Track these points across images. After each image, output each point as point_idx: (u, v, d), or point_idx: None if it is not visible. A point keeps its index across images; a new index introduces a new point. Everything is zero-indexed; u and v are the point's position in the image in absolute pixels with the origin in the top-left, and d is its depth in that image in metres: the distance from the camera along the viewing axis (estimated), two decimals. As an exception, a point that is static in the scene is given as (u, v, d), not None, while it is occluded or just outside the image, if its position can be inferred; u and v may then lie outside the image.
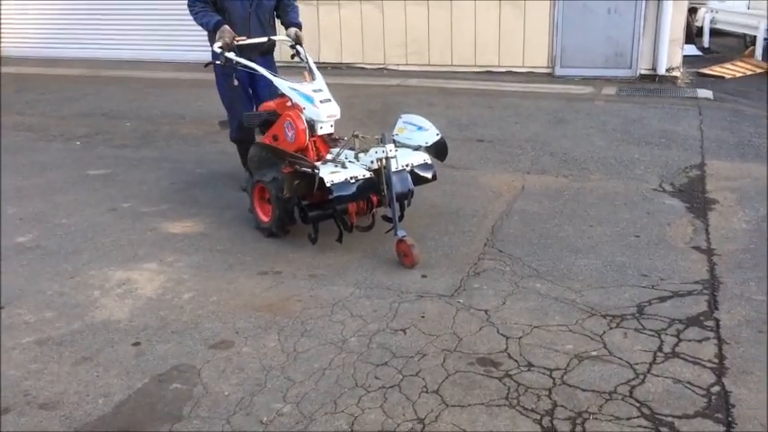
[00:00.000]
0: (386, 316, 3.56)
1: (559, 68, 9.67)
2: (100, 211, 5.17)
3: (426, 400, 2.90)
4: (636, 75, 9.35)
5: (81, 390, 3.02)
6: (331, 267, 4.14)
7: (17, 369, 3.18)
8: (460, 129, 7.15)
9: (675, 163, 5.95)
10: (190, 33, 11.32)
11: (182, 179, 5.86)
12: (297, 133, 4.38)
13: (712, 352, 3.20)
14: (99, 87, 9.93)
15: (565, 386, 2.96)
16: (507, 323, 3.47)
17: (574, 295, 3.74)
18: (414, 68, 10.12)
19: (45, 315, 3.66)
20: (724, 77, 9.96)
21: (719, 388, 2.94)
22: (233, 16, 5.02)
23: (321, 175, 4.04)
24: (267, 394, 2.96)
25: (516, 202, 5.13)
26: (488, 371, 3.09)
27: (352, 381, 3.03)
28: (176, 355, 3.27)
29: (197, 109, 8.44)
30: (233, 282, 4.00)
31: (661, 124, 7.18)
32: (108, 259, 4.34)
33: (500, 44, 9.81)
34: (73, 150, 6.87)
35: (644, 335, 3.34)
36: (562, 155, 6.25)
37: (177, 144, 7.01)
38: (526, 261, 4.16)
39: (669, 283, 3.85)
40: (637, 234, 4.53)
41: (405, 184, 4.30)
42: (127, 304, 3.77)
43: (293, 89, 4.51)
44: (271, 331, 3.45)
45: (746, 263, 4.09)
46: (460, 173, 5.79)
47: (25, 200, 5.40)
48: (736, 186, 5.36)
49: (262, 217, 4.61)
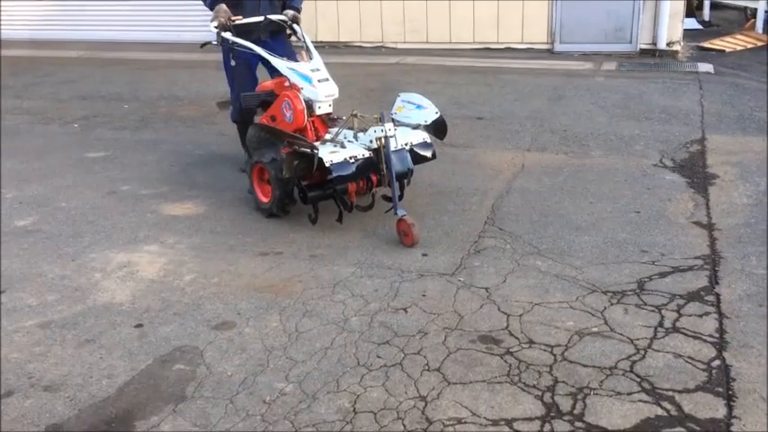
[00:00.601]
0: (387, 295, 3.57)
1: (559, 44, 9.61)
2: (100, 193, 5.16)
3: (428, 378, 2.91)
4: (636, 50, 9.30)
5: (85, 372, 3.04)
6: (331, 247, 4.15)
7: (20, 352, 3.19)
8: (459, 107, 7.12)
9: (676, 138, 5.93)
10: (186, 14, 11.32)
11: (181, 161, 5.85)
12: (295, 113, 4.36)
13: (713, 326, 3.21)
14: (96, 69, 9.89)
15: (566, 362, 2.98)
16: (508, 301, 3.48)
17: (574, 272, 3.74)
18: (412, 46, 10.07)
19: (47, 298, 3.67)
20: (724, 51, 9.90)
21: (720, 362, 2.95)
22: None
23: (320, 155, 4.03)
24: (270, 374, 2.97)
25: (516, 180, 5.12)
26: (489, 348, 3.10)
27: (354, 360, 3.05)
28: (179, 336, 3.29)
29: (195, 90, 8.41)
30: (234, 263, 4.01)
31: (661, 99, 7.15)
32: (109, 242, 4.34)
33: (498, 21, 9.75)
34: (71, 133, 6.85)
35: (644, 310, 3.35)
36: (562, 132, 6.23)
37: (175, 126, 6.99)
38: (526, 239, 4.16)
39: (670, 259, 3.85)
40: (637, 210, 4.53)
41: (404, 163, 4.29)
42: (128, 287, 3.77)
43: (291, 69, 4.48)
44: (272, 312, 3.46)
45: (747, 237, 4.09)
46: (460, 151, 5.78)
47: (24, 183, 5.39)
48: (737, 161, 5.35)
49: (261, 198, 4.60)
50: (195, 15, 10.98)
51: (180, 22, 11.34)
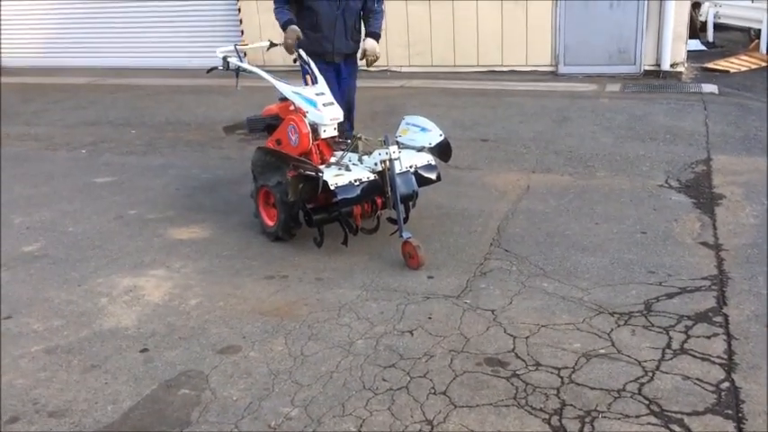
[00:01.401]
0: (392, 318, 3.56)
1: (563, 66, 9.66)
2: (107, 218, 5.19)
3: (434, 401, 2.89)
4: (640, 71, 9.33)
5: (90, 397, 3.03)
6: (337, 270, 4.14)
7: (26, 378, 3.19)
8: (464, 129, 7.14)
9: (681, 159, 5.93)
10: (192, 40, 11.46)
11: (187, 185, 5.88)
12: (300, 137, 4.38)
13: (721, 348, 3.18)
14: (103, 96, 9.98)
15: (573, 385, 2.95)
16: (514, 323, 3.46)
17: (581, 293, 3.73)
18: (417, 69, 10.13)
19: (53, 323, 3.67)
20: (729, 72, 9.92)
21: (729, 384, 2.92)
22: (320, 17, 5.03)
23: (325, 178, 4.04)
24: (275, 398, 2.96)
25: (522, 202, 5.12)
26: (496, 371, 3.08)
27: (360, 383, 3.03)
28: (184, 360, 3.28)
29: (201, 115, 8.47)
30: (240, 287, 4.00)
31: (666, 120, 7.16)
32: (115, 266, 4.35)
33: (503, 43, 9.81)
34: (79, 159, 6.90)
35: (652, 332, 3.32)
36: (567, 153, 6.23)
37: (182, 150, 7.03)
38: (532, 260, 4.15)
39: (677, 280, 3.83)
40: (643, 231, 4.51)
41: (409, 185, 4.30)
42: (134, 311, 3.77)
43: (296, 93, 4.52)
44: (278, 335, 3.45)
45: (754, 257, 4.07)
46: (465, 173, 5.79)
47: (32, 209, 5.43)
48: (743, 181, 5.34)
49: (267, 221, 4.61)
50: (201, 42, 11.14)
51: (186, 49, 11.47)
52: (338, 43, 5.11)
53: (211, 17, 11.37)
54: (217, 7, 11.29)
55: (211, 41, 10.39)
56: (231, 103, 8.73)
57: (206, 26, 11.40)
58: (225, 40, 9.72)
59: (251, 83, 5.17)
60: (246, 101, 8.12)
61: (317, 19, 5.03)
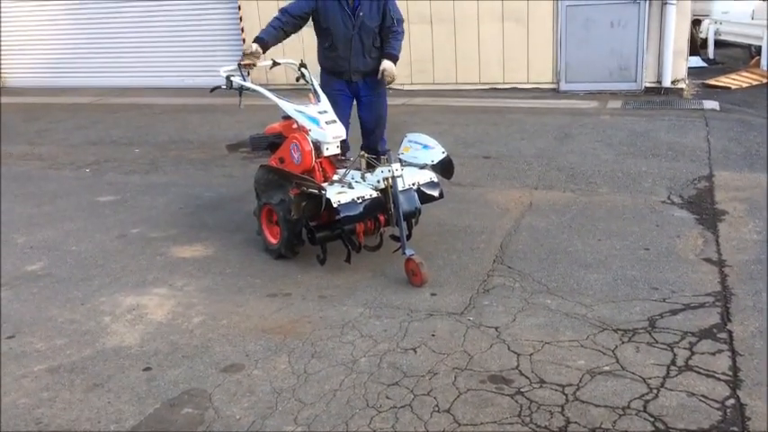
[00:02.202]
0: (396, 335, 3.55)
1: (564, 83, 9.69)
2: (110, 237, 5.20)
3: (438, 419, 2.88)
4: (641, 88, 9.36)
5: (93, 416, 3.02)
6: (340, 288, 4.14)
7: (29, 397, 3.18)
8: (466, 146, 7.16)
9: (683, 175, 5.93)
10: (195, 60, 11.54)
11: (190, 203, 5.89)
12: (303, 155, 4.40)
13: (726, 364, 3.16)
14: (107, 115, 10.04)
15: (578, 402, 2.94)
16: (518, 340, 3.45)
17: (584, 310, 3.72)
18: (419, 87, 10.17)
19: (56, 342, 3.67)
20: (730, 88, 9.95)
21: (734, 401, 2.90)
22: (336, 37, 5.03)
23: (328, 195, 4.05)
24: (278, 417, 2.95)
25: (524, 218, 5.12)
26: (500, 388, 3.07)
27: (364, 401, 3.02)
28: (187, 379, 3.27)
29: (205, 134, 8.51)
30: (243, 305, 4.00)
31: (668, 136, 7.17)
32: (118, 285, 4.35)
33: (504, 61, 9.86)
34: (82, 178, 6.92)
35: (656, 348, 3.31)
36: (569, 170, 6.24)
37: (185, 169, 7.05)
38: (536, 277, 4.15)
39: (681, 296, 3.82)
40: (646, 247, 4.51)
41: (412, 202, 4.31)
42: (137, 330, 3.77)
43: (299, 111, 4.54)
44: (281, 353, 3.44)
45: (758, 273, 4.06)
46: (467, 190, 5.79)
47: (35, 228, 5.44)
48: (746, 197, 5.34)
49: (270, 239, 4.62)
50: (204, 61, 11.22)
51: (189, 68, 11.54)
52: (354, 62, 5.10)
53: (215, 37, 11.45)
54: (219, 26, 11.38)
55: (214, 60, 10.49)
56: (234, 121, 8.77)
57: (208, 45, 11.49)
58: (228, 59, 9.78)
59: (254, 101, 5.20)
60: (250, 119, 8.17)
61: (333, 39, 5.04)
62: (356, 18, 4.98)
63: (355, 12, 4.96)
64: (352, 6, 4.96)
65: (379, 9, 5.02)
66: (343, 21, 4.99)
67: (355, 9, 4.95)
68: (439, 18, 9.93)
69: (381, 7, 5.03)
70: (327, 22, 5.02)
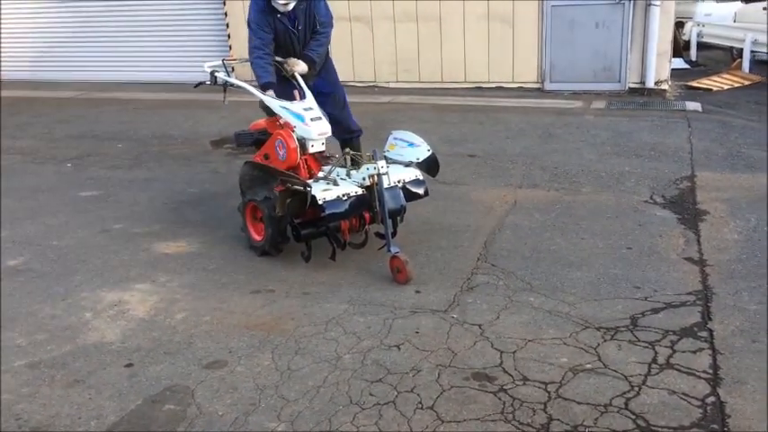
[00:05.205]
0: (380, 332, 3.55)
1: (549, 83, 9.74)
2: (92, 232, 5.15)
3: (421, 416, 2.88)
4: (625, 88, 9.42)
5: (73, 413, 2.99)
6: (324, 285, 4.14)
7: (9, 393, 3.15)
8: (452, 144, 7.17)
9: (666, 175, 5.98)
10: (180, 55, 11.45)
11: (174, 199, 5.86)
12: (288, 152, 4.38)
13: (707, 363, 3.20)
14: (90, 109, 9.94)
15: (560, 399, 2.96)
16: (501, 337, 3.46)
17: (567, 308, 3.74)
18: (404, 86, 10.17)
19: (37, 338, 3.64)
20: (712, 90, 10.05)
21: (715, 398, 2.93)
22: (284, 52, 5.05)
23: (313, 192, 4.04)
24: (261, 413, 2.94)
25: (508, 217, 5.14)
26: (483, 386, 3.08)
27: (347, 398, 3.02)
28: (169, 375, 3.25)
29: (189, 129, 8.46)
30: (226, 301, 3.98)
31: (651, 137, 7.23)
32: (100, 281, 4.32)
33: (489, 60, 9.88)
34: (64, 172, 6.86)
35: (638, 347, 3.34)
36: (553, 169, 6.27)
37: (168, 164, 7.01)
38: (519, 275, 4.17)
39: (662, 295, 3.86)
40: (629, 246, 4.54)
41: (397, 200, 4.31)
42: (119, 326, 3.74)
43: (284, 108, 4.52)
44: (264, 350, 3.43)
45: (738, 273, 4.10)
46: (452, 188, 5.80)
47: (17, 222, 5.38)
48: (727, 197, 5.39)
49: (254, 236, 4.60)
50: (187, 56, 11.14)
51: (173, 63, 11.45)
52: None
53: (199, 32, 11.38)
54: (205, 22, 11.30)
55: (199, 56, 10.39)
56: (219, 117, 8.71)
57: (194, 41, 11.41)
58: (213, 55, 9.71)
59: (239, 97, 5.17)
60: (234, 115, 8.11)
61: (282, 54, 5.06)
62: (297, 31, 5.04)
63: (295, 24, 5.00)
64: (291, 19, 4.97)
65: (310, 15, 5.08)
66: (290, 36, 5.04)
67: (294, 22, 4.99)
68: (425, 16, 9.93)
69: (312, 12, 5.08)
70: (278, 41, 5.04)
